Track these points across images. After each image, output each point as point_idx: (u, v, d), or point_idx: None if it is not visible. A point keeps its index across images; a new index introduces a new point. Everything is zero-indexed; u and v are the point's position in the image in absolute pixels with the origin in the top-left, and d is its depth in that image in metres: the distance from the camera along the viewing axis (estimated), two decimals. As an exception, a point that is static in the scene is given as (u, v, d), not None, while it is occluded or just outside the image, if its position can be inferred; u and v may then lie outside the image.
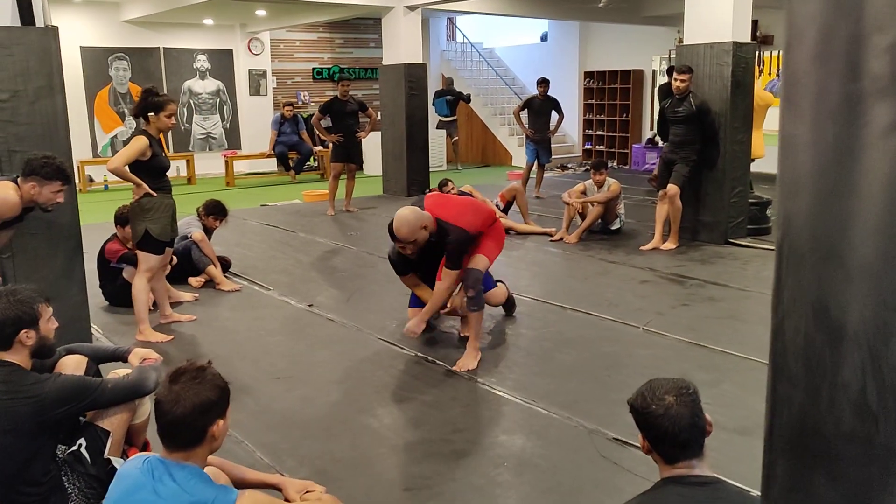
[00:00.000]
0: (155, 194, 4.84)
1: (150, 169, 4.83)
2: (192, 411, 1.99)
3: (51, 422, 2.66)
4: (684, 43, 7.54)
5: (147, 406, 3.02)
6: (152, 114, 4.82)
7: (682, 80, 7.02)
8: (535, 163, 10.80)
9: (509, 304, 5.28)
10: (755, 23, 7.38)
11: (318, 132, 14.51)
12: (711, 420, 2.02)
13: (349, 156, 9.55)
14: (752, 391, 3.98)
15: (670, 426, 1.95)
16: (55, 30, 4.54)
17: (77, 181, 4.93)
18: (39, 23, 4.47)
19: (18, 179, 4.05)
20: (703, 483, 1.93)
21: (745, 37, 7.24)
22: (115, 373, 2.96)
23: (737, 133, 7.30)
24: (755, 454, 3.30)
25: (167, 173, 5.07)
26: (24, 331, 2.70)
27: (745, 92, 7.31)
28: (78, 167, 11.89)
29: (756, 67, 7.54)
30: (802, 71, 1.05)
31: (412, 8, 10.86)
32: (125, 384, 2.84)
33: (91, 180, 13.02)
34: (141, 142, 4.74)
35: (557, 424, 3.64)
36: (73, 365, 3.02)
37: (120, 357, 3.19)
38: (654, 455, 2.01)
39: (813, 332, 1.11)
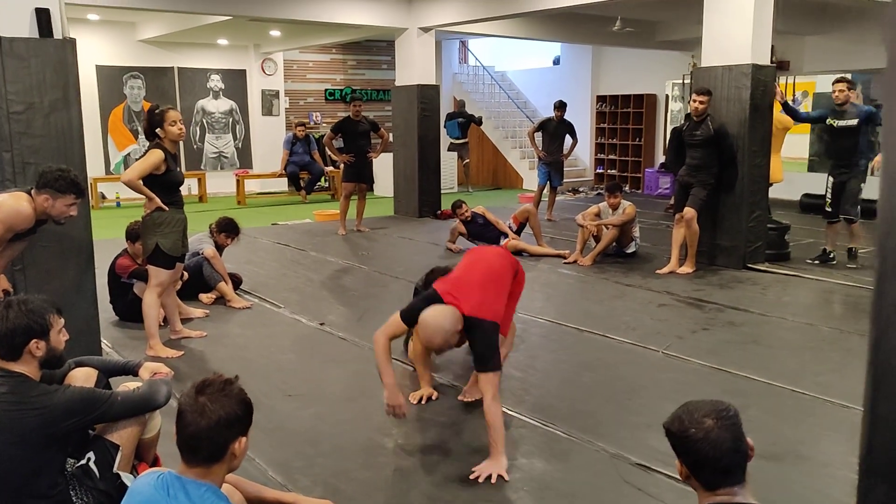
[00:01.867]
0: (167, 209, 4.78)
1: (163, 183, 4.78)
2: (217, 424, 1.92)
3: (59, 434, 2.58)
4: (701, 65, 7.48)
5: (157, 421, 2.94)
6: (159, 129, 4.78)
7: (700, 102, 6.94)
8: (547, 185, 10.73)
9: None
10: (770, 48, 7.35)
11: (329, 152, 14.57)
12: (753, 444, 1.92)
13: (360, 176, 9.51)
14: (780, 417, 3.87)
15: (711, 451, 1.85)
16: (73, 42, 4.52)
17: (90, 198, 4.90)
18: (57, 35, 4.45)
19: (32, 191, 4.00)
20: None
21: (765, 59, 7.18)
22: (125, 386, 2.88)
23: (755, 157, 7.22)
24: (785, 481, 3.21)
25: (180, 189, 5.02)
26: (35, 341, 2.63)
27: (764, 115, 7.23)
28: (91, 184, 11.89)
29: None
30: None
31: (426, 29, 10.88)
32: (135, 397, 2.76)
33: (103, 197, 13.03)
34: (156, 155, 4.69)
35: (578, 448, 3.53)
36: (82, 378, 2.95)
37: (130, 371, 3.11)
38: (692, 482, 1.91)
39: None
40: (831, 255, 7.46)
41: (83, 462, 2.72)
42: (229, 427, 1.94)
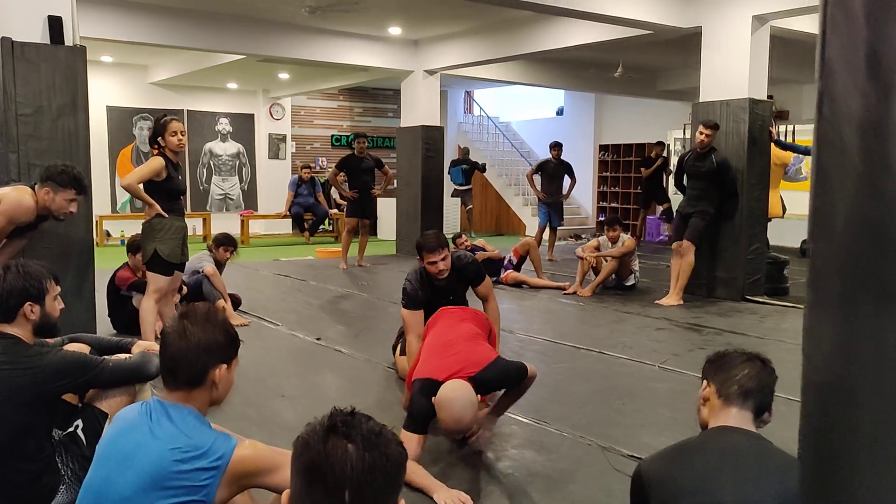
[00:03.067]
0: (166, 215, 4.82)
1: (164, 190, 4.83)
2: (197, 347, 1.92)
3: (48, 395, 2.58)
4: (700, 100, 7.61)
5: (147, 394, 2.93)
6: (160, 138, 4.87)
7: (706, 135, 6.99)
8: (548, 225, 10.79)
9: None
10: (769, 97, 7.52)
11: (334, 193, 14.71)
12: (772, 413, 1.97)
13: (364, 211, 9.59)
14: (779, 423, 3.83)
15: (744, 379, 1.97)
16: (83, 50, 4.66)
17: (94, 234, 4.97)
18: (69, 42, 4.58)
19: (35, 185, 4.07)
20: (749, 435, 1.89)
21: (762, 94, 7.32)
22: (118, 358, 2.89)
23: (754, 189, 7.29)
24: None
25: (181, 197, 5.08)
26: (29, 304, 2.66)
27: (762, 149, 7.33)
28: (96, 222, 12.01)
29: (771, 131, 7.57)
30: None
31: (431, 72, 11.11)
32: (127, 365, 2.77)
33: (109, 235, 13.13)
34: (157, 162, 4.76)
35: (570, 442, 3.50)
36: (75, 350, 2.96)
37: (124, 349, 3.13)
38: (707, 405, 1.94)
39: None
40: None
41: (70, 429, 2.72)
42: (209, 352, 1.94)
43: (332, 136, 16.08)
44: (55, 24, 4.54)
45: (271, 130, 15.20)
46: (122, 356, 2.90)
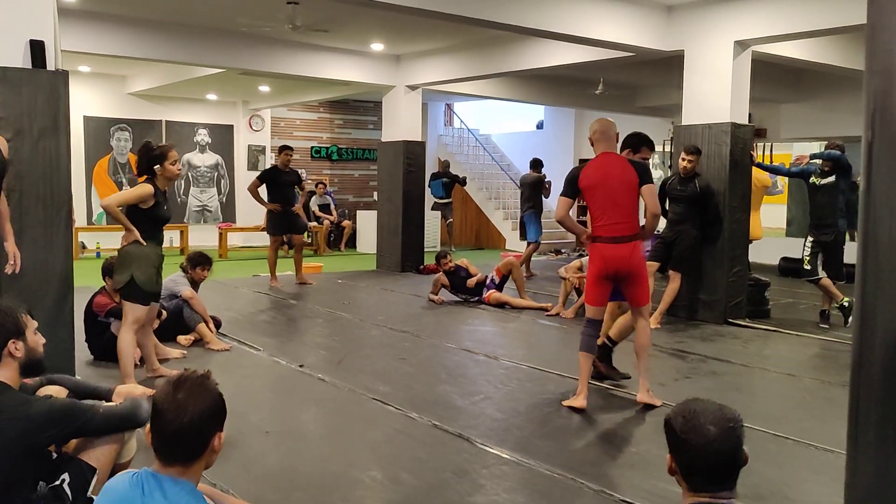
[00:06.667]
0: (144, 242, 4.71)
1: (150, 218, 4.74)
2: (200, 419, 1.88)
3: (38, 445, 2.50)
4: (682, 123, 7.66)
5: (133, 445, 2.86)
6: (158, 166, 4.78)
7: (689, 161, 7.04)
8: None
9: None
10: (748, 115, 7.61)
11: (312, 205, 14.59)
12: (748, 454, 1.88)
13: (290, 227, 9.21)
14: (764, 460, 3.83)
15: (707, 460, 1.82)
16: (65, 74, 4.56)
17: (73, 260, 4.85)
18: (51, 67, 4.49)
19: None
20: None
21: (743, 119, 7.38)
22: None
23: (735, 212, 7.34)
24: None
25: (163, 227, 4.98)
26: (12, 341, 2.56)
27: (744, 172, 7.39)
28: (73, 232, 11.81)
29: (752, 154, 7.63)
30: None
31: (413, 87, 11.08)
32: (117, 412, 2.68)
33: (84, 247, 12.93)
34: (145, 189, 4.67)
35: (561, 485, 3.46)
36: (53, 393, 2.87)
37: (102, 396, 3.01)
38: (678, 477, 1.87)
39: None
40: (827, 314, 7.43)
41: (56, 483, 2.62)
42: (211, 420, 1.91)
43: (312, 147, 15.98)
44: (37, 48, 4.44)
45: (251, 142, 15.08)
46: (107, 404, 2.81)
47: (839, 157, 7.12)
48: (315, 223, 14.36)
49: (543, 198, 11.03)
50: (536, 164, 11.09)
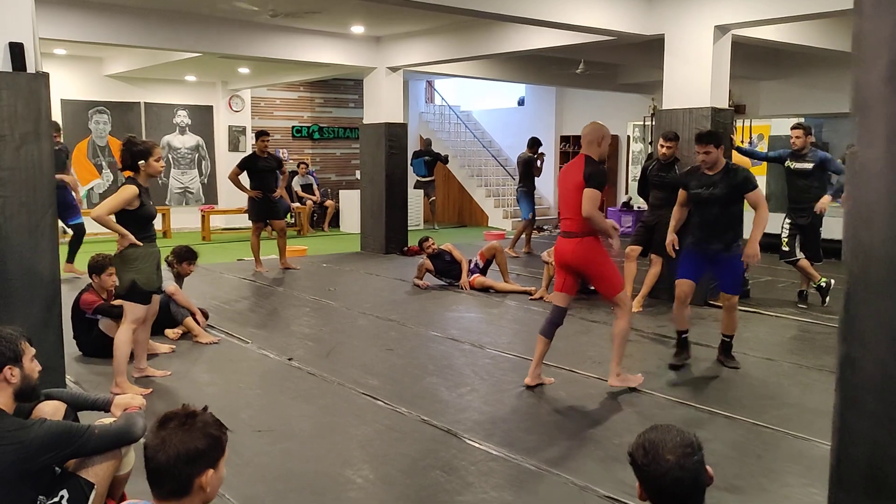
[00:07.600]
0: (140, 244, 4.74)
1: (137, 218, 4.74)
2: (177, 459, 1.87)
3: (35, 469, 2.55)
4: (663, 108, 7.71)
5: (132, 457, 2.91)
6: (142, 161, 4.77)
7: (667, 148, 7.09)
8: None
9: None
10: (728, 93, 7.69)
11: (295, 185, 14.58)
12: (713, 473, 1.97)
13: (270, 213, 9.26)
14: (742, 450, 3.96)
15: (670, 487, 1.90)
16: (46, 76, 4.54)
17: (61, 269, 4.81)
18: (31, 69, 4.46)
19: None
20: None
21: (723, 103, 7.44)
22: (100, 422, 2.85)
23: (714, 196, 7.40)
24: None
25: (153, 222, 4.99)
26: (8, 367, 2.62)
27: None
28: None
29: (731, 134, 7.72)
30: (875, 95, 1.06)
31: (393, 69, 11.04)
32: (112, 430, 2.74)
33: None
34: (129, 191, 4.66)
35: (547, 481, 3.57)
36: (50, 411, 2.92)
37: (100, 407, 3.07)
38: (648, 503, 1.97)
39: (892, 364, 1.09)
40: (806, 294, 7.60)
41: (55, 500, 2.68)
42: (190, 462, 1.88)
43: (293, 127, 15.90)
44: (16, 50, 4.40)
45: (231, 122, 14.97)
46: (106, 421, 2.86)
47: (823, 158, 7.28)
48: (298, 203, 14.35)
49: (535, 177, 11.07)
50: (532, 144, 11.12)
